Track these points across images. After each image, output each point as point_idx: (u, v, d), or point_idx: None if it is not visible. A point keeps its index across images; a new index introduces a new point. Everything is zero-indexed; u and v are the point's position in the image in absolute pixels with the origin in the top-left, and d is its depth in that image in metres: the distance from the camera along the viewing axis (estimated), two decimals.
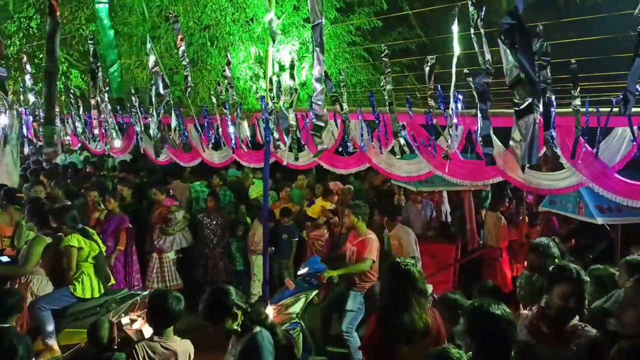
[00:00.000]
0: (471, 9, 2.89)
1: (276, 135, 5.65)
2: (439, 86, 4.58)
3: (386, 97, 4.87)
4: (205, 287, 7.06)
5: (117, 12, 8.09)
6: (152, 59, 3.26)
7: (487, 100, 3.03)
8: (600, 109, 4.06)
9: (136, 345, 3.16)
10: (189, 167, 8.79)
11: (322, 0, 2.86)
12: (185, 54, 4.63)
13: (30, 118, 7.27)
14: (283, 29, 7.42)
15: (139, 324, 4.86)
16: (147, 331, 4.81)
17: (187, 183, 8.87)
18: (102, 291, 5.04)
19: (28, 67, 6.16)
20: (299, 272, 5.43)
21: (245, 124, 6.33)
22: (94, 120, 5.84)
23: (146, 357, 3.13)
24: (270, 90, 5.88)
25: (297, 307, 5.01)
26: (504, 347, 2.34)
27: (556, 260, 3.60)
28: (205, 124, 6.84)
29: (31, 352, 3.55)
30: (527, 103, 2.46)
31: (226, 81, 5.59)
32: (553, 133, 3.92)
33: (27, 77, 6.13)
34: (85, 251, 4.94)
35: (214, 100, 6.09)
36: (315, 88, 3.15)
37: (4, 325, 3.49)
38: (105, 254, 6.19)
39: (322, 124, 3.37)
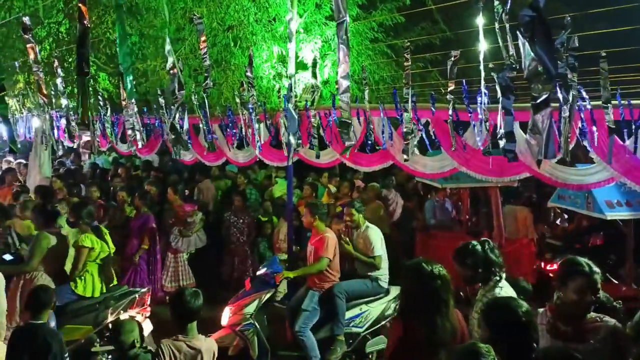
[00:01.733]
0: (496, 2, 2.83)
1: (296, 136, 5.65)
2: (463, 81, 4.51)
3: (404, 94, 4.82)
4: (231, 286, 7.22)
5: (143, 15, 8.23)
6: (170, 61, 3.31)
7: (510, 95, 2.96)
8: (632, 102, 3.94)
9: (161, 345, 3.19)
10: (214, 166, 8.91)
11: None
12: (207, 56, 4.67)
13: (64, 121, 7.48)
14: (305, 28, 7.41)
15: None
16: (147, 328, 4.86)
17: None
18: (104, 291, 5.07)
19: (59, 71, 6.32)
20: (258, 273, 5.37)
21: (263, 125, 6.35)
22: (127, 122, 5.96)
23: (172, 356, 3.15)
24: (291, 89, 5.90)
25: (250, 308, 4.93)
26: (523, 342, 2.31)
27: (480, 269, 3.31)
28: (230, 124, 6.91)
29: (64, 348, 3.65)
30: (544, 97, 2.41)
31: (248, 81, 5.62)
32: (585, 128, 3.81)
33: (59, 81, 6.29)
34: (96, 252, 4.98)
35: (237, 100, 6.14)
36: (341, 85, 3.14)
37: (38, 322, 3.59)
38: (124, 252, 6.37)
39: (349, 121, 3.36)
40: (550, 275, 6.26)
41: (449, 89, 4.43)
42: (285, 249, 6.86)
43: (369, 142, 5.97)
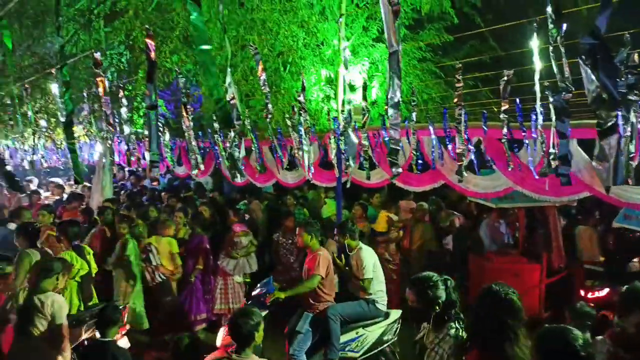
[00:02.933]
0: (550, 26, 2.79)
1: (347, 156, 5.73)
2: (517, 100, 4.44)
3: (457, 115, 4.78)
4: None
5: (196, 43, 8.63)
6: (230, 91, 3.48)
7: (565, 118, 2.88)
8: None
9: None
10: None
11: (399, 29, 2.89)
12: (267, 84, 4.84)
13: (130, 146, 7.87)
14: (352, 50, 7.54)
15: None
16: (123, 345, 4.76)
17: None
18: (82, 309, 5.11)
19: (124, 100, 6.69)
20: (253, 293, 5.26)
21: (313, 147, 6.45)
22: (190, 146, 6.22)
23: None
24: (342, 111, 5.99)
25: None
26: None
27: (437, 307, 3.04)
28: (279, 146, 7.08)
29: None
30: (610, 123, 2.34)
31: (300, 105, 5.76)
32: None
33: (123, 110, 6.66)
34: (75, 269, 5.11)
35: (288, 123, 6.29)
36: (392, 114, 3.18)
37: (106, 339, 3.77)
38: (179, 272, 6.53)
39: (399, 148, 3.39)
40: (592, 305, 5.90)
41: (502, 109, 4.36)
42: (334, 270, 6.87)
43: (419, 161, 5.95)
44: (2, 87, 8.93)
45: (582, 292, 6.25)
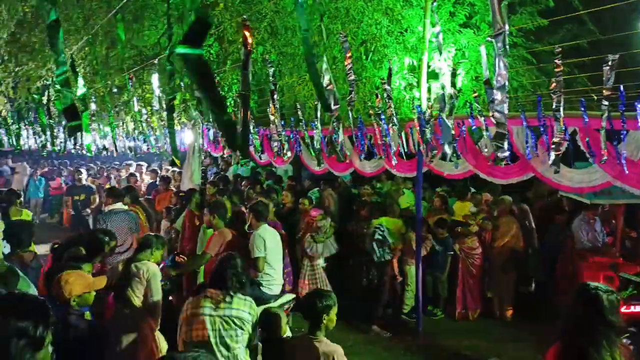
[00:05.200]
0: None
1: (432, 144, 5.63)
2: (621, 87, 4.10)
3: (555, 102, 4.49)
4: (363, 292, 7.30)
5: (281, 34, 8.83)
6: (327, 78, 3.58)
7: None
8: None
9: None
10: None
11: (505, 6, 2.76)
12: (352, 71, 4.88)
13: (218, 134, 8.26)
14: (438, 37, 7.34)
15: None
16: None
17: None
18: None
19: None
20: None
21: (396, 135, 6.40)
22: (275, 135, 6.44)
23: None
24: (428, 99, 5.88)
25: None
26: None
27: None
28: (359, 135, 7.09)
29: None
30: None
31: (385, 94, 5.73)
32: None
33: None
34: None
35: (370, 112, 6.27)
36: (497, 96, 3.08)
37: None
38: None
39: (505, 132, 3.26)
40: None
41: (604, 95, 4.05)
42: (414, 263, 6.81)
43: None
44: (107, 77, 9.71)
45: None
